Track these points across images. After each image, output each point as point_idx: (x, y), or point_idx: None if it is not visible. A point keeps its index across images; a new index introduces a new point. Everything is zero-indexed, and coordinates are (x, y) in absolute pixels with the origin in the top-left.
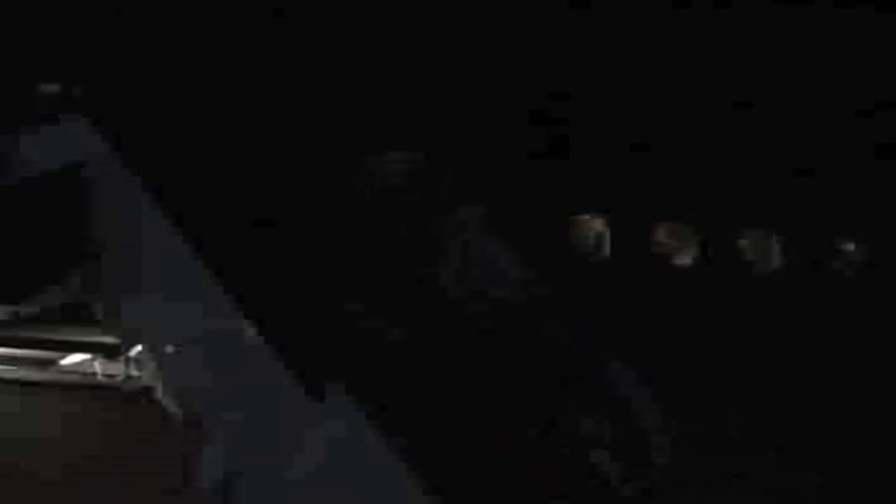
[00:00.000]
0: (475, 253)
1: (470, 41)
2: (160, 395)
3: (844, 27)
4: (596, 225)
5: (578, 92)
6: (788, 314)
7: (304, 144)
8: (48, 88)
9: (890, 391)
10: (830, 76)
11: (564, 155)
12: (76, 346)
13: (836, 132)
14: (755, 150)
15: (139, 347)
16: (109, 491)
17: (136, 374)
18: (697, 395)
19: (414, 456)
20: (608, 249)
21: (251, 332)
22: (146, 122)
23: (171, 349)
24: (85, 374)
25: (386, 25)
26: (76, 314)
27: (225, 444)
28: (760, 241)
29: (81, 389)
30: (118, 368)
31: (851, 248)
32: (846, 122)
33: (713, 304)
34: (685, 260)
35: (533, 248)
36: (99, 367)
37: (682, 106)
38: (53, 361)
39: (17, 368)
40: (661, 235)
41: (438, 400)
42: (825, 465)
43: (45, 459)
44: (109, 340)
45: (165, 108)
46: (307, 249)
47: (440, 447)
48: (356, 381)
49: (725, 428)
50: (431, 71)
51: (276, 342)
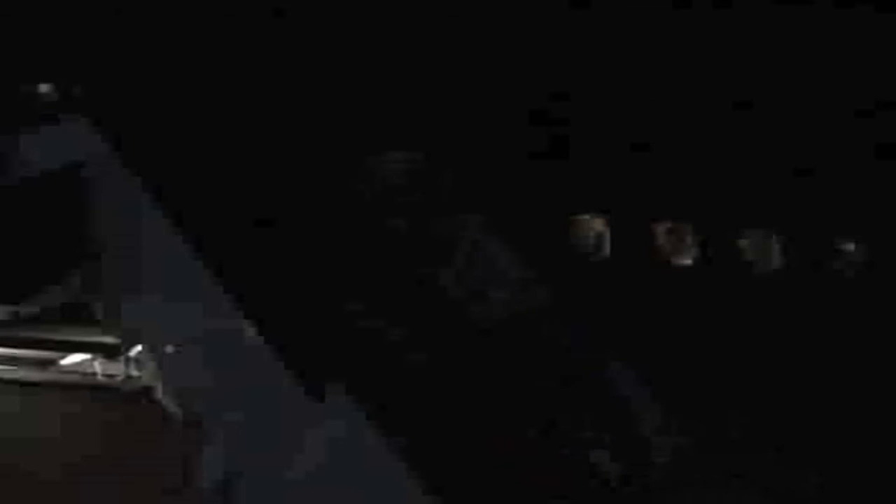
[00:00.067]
0: (475, 253)
1: (470, 41)
2: (160, 395)
3: (844, 27)
4: (596, 225)
5: (578, 92)
6: (788, 314)
7: (303, 144)
8: (48, 88)
9: (890, 391)
10: (830, 76)
11: (564, 155)
12: (76, 346)
13: (836, 132)
14: (755, 150)
15: (139, 347)
16: (109, 491)
17: (136, 374)
18: (697, 395)
19: (414, 456)
20: (608, 249)
21: (251, 332)
22: (146, 122)
23: (171, 349)
24: (85, 374)
25: (386, 25)
26: (76, 314)
27: (225, 444)
28: (760, 241)
29: (81, 389)
30: (118, 368)
31: (851, 248)
32: (846, 122)
33: (713, 304)
34: (685, 260)
35: (533, 248)
36: (99, 367)
37: (681, 106)
38: (53, 361)
39: (17, 368)
40: (661, 235)
41: (438, 400)
42: (825, 465)
43: (45, 459)
44: (109, 340)
45: (165, 108)
46: (307, 249)
47: (440, 447)
48: (356, 381)
49: (725, 428)
50: (431, 71)
51: (276, 342)
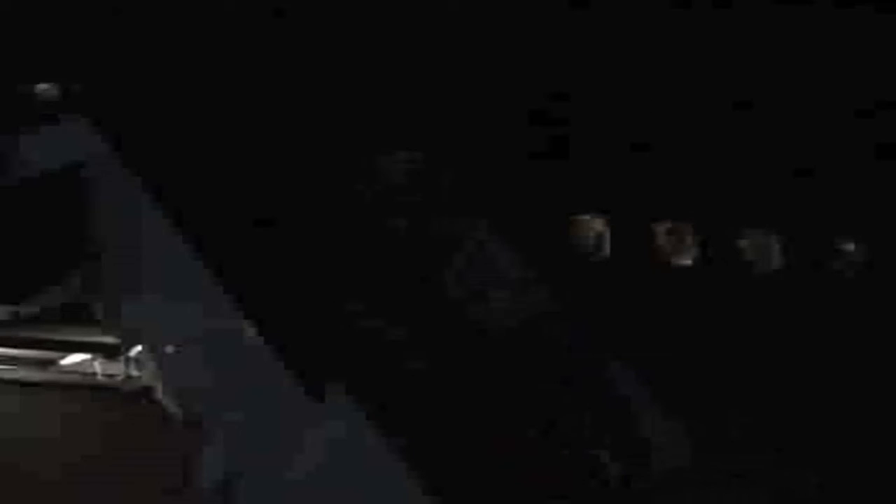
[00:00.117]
0: (475, 253)
1: (470, 41)
2: (160, 395)
3: (844, 27)
4: (596, 225)
5: (578, 92)
6: (788, 314)
7: (304, 144)
8: (48, 88)
9: (890, 391)
10: (830, 76)
11: (564, 155)
12: (76, 346)
13: (836, 132)
14: (755, 150)
15: (139, 347)
16: (109, 491)
17: (136, 374)
18: (697, 395)
19: (414, 456)
20: (608, 249)
21: (251, 332)
22: (146, 122)
23: (171, 349)
24: (85, 374)
25: (386, 25)
26: (76, 314)
27: (225, 444)
28: (760, 241)
29: (81, 389)
30: (118, 368)
31: (851, 248)
32: (846, 122)
33: (713, 304)
34: (685, 260)
35: (533, 248)
36: (99, 367)
37: (681, 106)
38: (53, 361)
39: (17, 368)
40: (661, 235)
41: (438, 400)
42: (825, 465)
43: (45, 459)
44: (109, 340)
45: (165, 108)
46: (307, 249)
47: (440, 447)
48: (356, 381)
49: (725, 428)
50: (431, 71)
51: (276, 342)
